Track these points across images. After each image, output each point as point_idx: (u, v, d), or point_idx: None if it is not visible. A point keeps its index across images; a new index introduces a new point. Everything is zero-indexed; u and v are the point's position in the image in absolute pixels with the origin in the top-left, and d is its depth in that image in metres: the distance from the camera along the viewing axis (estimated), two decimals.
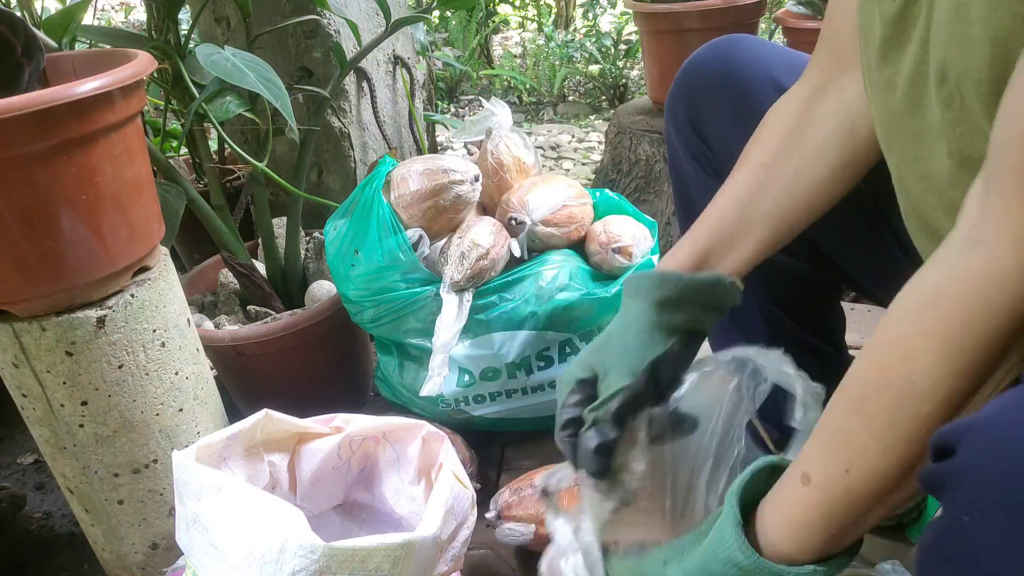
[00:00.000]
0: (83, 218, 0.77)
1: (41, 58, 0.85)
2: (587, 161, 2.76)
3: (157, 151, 1.15)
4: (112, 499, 0.90)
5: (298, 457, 0.84)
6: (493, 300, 1.07)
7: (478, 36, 3.76)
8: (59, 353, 0.81)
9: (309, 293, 1.28)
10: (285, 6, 1.42)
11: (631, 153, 1.82)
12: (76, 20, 1.02)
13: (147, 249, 0.87)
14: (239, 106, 1.09)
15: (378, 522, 0.90)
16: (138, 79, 0.79)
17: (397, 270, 1.06)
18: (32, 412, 0.86)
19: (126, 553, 0.94)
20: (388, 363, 1.18)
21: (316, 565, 0.62)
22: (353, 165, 1.55)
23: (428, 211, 1.08)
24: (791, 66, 0.79)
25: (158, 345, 0.88)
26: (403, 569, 0.65)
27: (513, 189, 1.13)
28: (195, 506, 0.69)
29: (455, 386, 1.11)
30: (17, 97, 0.69)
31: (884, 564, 0.88)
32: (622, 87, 3.39)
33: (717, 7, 1.64)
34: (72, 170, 0.75)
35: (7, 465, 1.31)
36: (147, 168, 0.88)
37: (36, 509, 1.19)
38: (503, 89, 3.70)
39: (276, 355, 1.19)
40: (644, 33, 1.84)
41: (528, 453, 1.19)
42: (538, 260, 1.10)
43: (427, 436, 0.84)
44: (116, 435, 0.87)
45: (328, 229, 1.16)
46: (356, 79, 1.51)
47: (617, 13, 3.66)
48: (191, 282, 1.33)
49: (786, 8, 1.75)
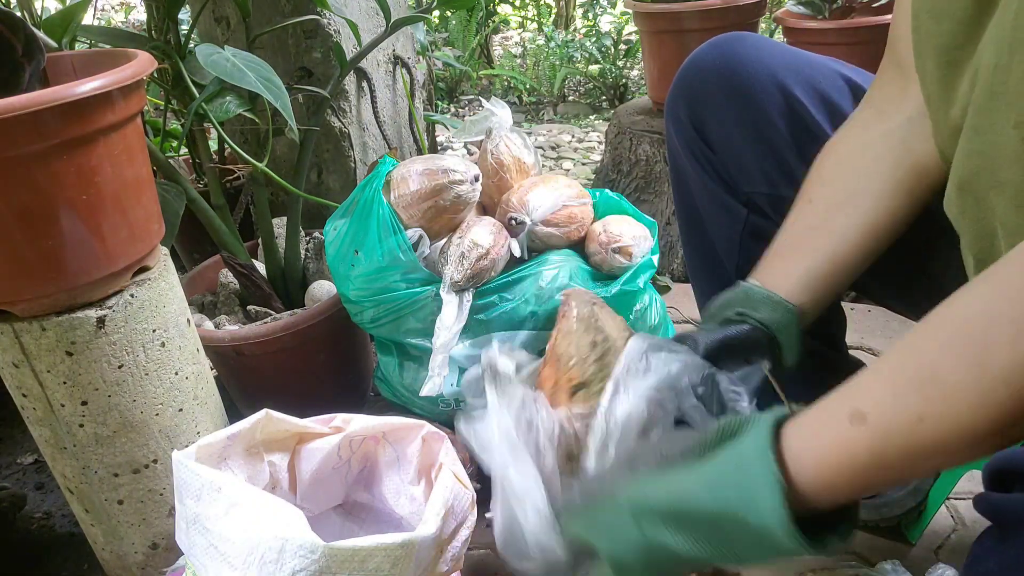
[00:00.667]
0: (83, 218, 0.77)
1: (41, 58, 0.85)
2: (587, 161, 2.76)
3: (157, 151, 1.15)
4: (112, 499, 0.90)
5: (298, 457, 0.84)
6: (493, 300, 1.07)
7: (478, 36, 3.76)
8: (59, 353, 0.81)
9: (309, 293, 1.28)
10: (285, 6, 1.42)
11: (631, 153, 1.82)
12: (76, 20, 1.02)
13: (147, 249, 0.87)
14: (239, 106, 1.09)
15: (378, 522, 0.90)
16: (138, 79, 0.79)
17: (397, 270, 1.06)
18: (32, 412, 0.86)
19: (126, 553, 0.94)
20: (388, 363, 1.18)
21: (316, 565, 0.62)
22: (353, 165, 1.55)
23: (428, 211, 1.08)
24: (794, 65, 0.78)
25: (158, 345, 0.88)
26: (403, 569, 0.65)
27: (513, 189, 1.13)
28: (195, 506, 0.69)
29: (455, 386, 1.11)
30: (17, 97, 0.69)
31: (884, 564, 0.88)
32: (622, 87, 3.39)
33: (717, 7, 1.64)
34: (72, 170, 0.75)
35: (7, 465, 1.31)
36: (147, 168, 0.88)
37: (36, 509, 1.19)
38: (503, 89, 3.70)
39: (276, 355, 1.19)
40: (644, 33, 1.84)
41: None
42: (538, 260, 1.10)
43: (427, 436, 0.84)
44: (116, 435, 0.87)
45: (328, 229, 1.16)
46: (356, 79, 1.51)
47: (617, 13, 3.66)
48: (191, 282, 1.33)
49: (786, 8, 1.75)
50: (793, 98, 0.77)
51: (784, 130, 0.78)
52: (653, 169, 1.78)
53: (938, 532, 0.98)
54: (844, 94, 0.78)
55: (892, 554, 0.95)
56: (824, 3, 1.68)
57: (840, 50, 1.53)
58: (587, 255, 1.14)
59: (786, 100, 0.77)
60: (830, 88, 0.78)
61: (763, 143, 0.79)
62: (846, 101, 0.77)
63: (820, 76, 0.78)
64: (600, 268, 1.13)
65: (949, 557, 0.94)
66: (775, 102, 0.77)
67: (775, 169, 0.79)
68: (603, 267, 1.12)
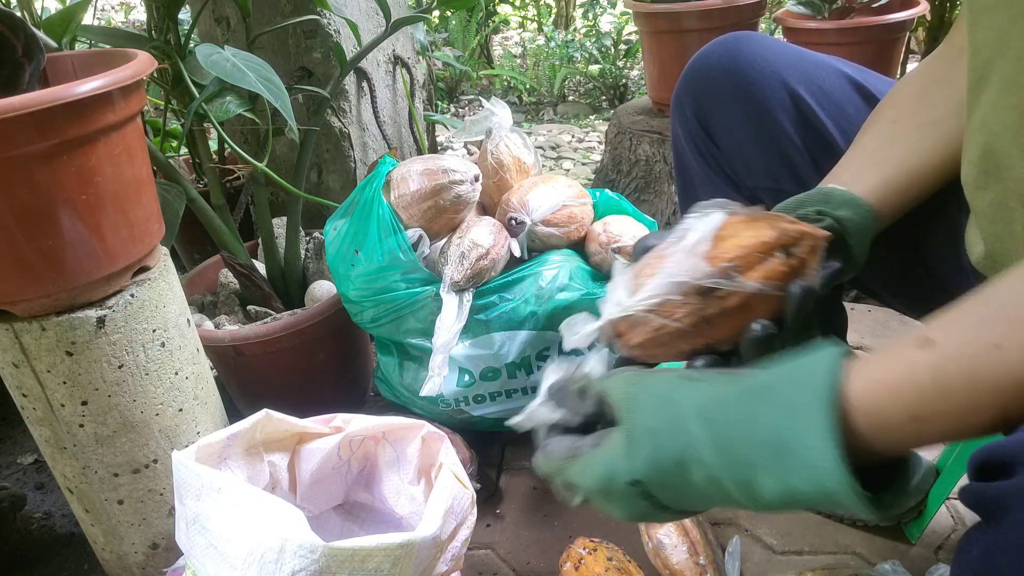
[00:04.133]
0: (83, 218, 0.77)
1: (41, 58, 0.85)
2: (587, 161, 2.76)
3: (157, 151, 1.15)
4: (112, 499, 0.90)
5: (298, 457, 0.84)
6: (493, 300, 1.07)
7: (478, 36, 3.76)
8: (59, 353, 0.81)
9: (309, 293, 1.28)
10: (285, 6, 1.42)
11: (631, 153, 1.82)
12: (76, 20, 1.02)
13: (147, 249, 0.87)
14: (239, 106, 1.09)
15: (378, 522, 0.90)
16: (138, 79, 0.79)
17: (397, 270, 1.06)
18: (32, 412, 0.86)
19: (126, 553, 0.94)
20: (388, 363, 1.18)
21: (316, 565, 0.62)
22: (353, 165, 1.55)
23: (428, 211, 1.08)
24: (798, 63, 0.79)
25: (158, 345, 0.88)
26: (403, 569, 0.65)
27: (513, 189, 1.13)
28: (195, 506, 0.69)
29: (455, 386, 1.11)
30: (17, 97, 0.69)
31: (884, 564, 0.88)
32: (622, 87, 3.39)
33: (717, 7, 1.64)
34: (72, 170, 0.75)
35: (7, 465, 1.31)
36: (147, 168, 0.88)
37: (36, 509, 1.19)
38: (503, 89, 3.70)
39: (276, 355, 1.19)
40: (644, 33, 1.84)
41: (528, 453, 1.19)
42: (538, 260, 1.10)
43: (427, 436, 0.84)
44: (116, 435, 0.87)
45: (328, 229, 1.16)
46: (356, 79, 1.51)
47: (617, 13, 3.66)
48: (191, 282, 1.33)
49: (786, 8, 1.75)
50: (797, 96, 0.78)
51: (788, 127, 0.78)
52: (653, 169, 1.78)
53: (938, 532, 0.98)
54: (847, 92, 0.78)
55: (892, 554, 0.95)
56: (824, 3, 1.68)
57: (840, 50, 1.54)
58: (587, 255, 1.14)
59: (790, 98, 0.78)
60: (833, 86, 0.78)
61: (767, 140, 0.80)
62: (849, 99, 0.78)
63: (824, 75, 0.79)
64: (600, 268, 1.13)
65: (949, 557, 0.94)
66: (779, 100, 0.78)
67: (779, 165, 0.80)
68: (603, 267, 1.12)
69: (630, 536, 0.99)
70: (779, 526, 1.01)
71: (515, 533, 1.05)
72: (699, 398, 0.48)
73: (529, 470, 1.16)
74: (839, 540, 0.98)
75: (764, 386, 0.45)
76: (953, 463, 0.91)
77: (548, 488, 1.12)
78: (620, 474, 0.49)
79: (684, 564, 0.90)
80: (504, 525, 1.07)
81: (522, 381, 1.11)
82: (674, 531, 0.93)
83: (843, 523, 1.00)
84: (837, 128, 0.77)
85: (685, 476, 0.47)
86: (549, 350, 1.11)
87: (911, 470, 0.47)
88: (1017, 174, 0.51)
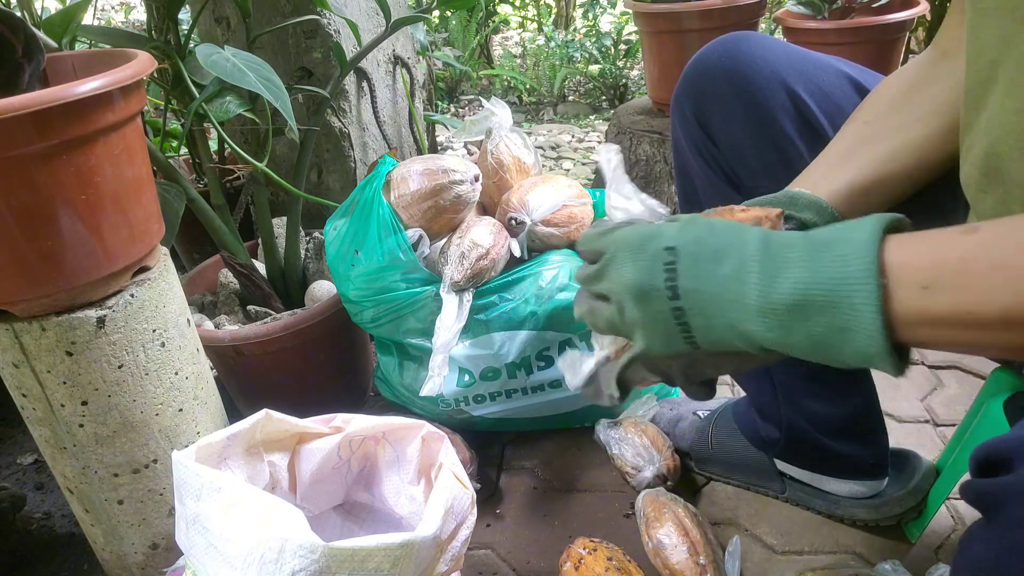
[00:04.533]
0: (83, 218, 0.77)
1: (41, 58, 0.85)
2: (587, 161, 2.76)
3: (157, 151, 1.15)
4: (112, 499, 0.90)
5: (298, 457, 0.84)
6: (493, 300, 1.07)
7: (478, 36, 3.76)
8: (59, 353, 0.81)
9: (309, 293, 1.29)
10: (285, 6, 1.42)
11: (631, 153, 1.82)
12: (76, 20, 1.02)
13: (147, 249, 0.87)
14: (239, 106, 1.09)
15: (378, 522, 0.90)
16: (138, 79, 0.79)
17: (397, 270, 1.06)
18: (32, 412, 0.86)
19: (126, 553, 0.94)
20: (388, 363, 1.18)
21: (316, 565, 0.62)
22: (353, 165, 1.55)
23: (428, 211, 1.08)
24: (798, 63, 0.79)
25: (158, 345, 0.88)
26: (403, 569, 0.65)
27: (513, 189, 1.13)
28: (195, 506, 0.69)
29: (455, 386, 1.11)
30: (17, 97, 0.68)
31: (884, 564, 0.88)
32: (622, 87, 3.39)
33: (717, 7, 1.64)
34: (72, 170, 0.75)
35: (7, 465, 1.31)
36: (147, 168, 0.88)
37: (36, 509, 1.19)
38: (503, 89, 3.70)
39: (276, 355, 1.19)
40: (644, 33, 1.84)
41: (528, 453, 1.19)
42: (538, 260, 1.10)
43: (427, 436, 0.84)
44: (116, 435, 0.87)
45: (328, 229, 1.16)
46: (356, 79, 1.51)
47: (617, 13, 3.66)
48: (191, 282, 1.33)
49: (786, 8, 1.75)
50: (797, 96, 0.78)
51: (788, 127, 0.79)
52: (653, 169, 1.78)
53: (938, 532, 0.98)
54: (847, 92, 0.79)
55: (892, 554, 0.95)
56: (824, 3, 1.68)
57: (840, 50, 1.54)
58: None
59: (790, 98, 0.78)
60: (833, 86, 0.79)
61: (767, 139, 0.80)
62: (849, 99, 0.78)
63: (824, 75, 0.79)
64: None
65: (949, 557, 0.94)
66: (779, 100, 0.78)
67: (778, 165, 0.80)
68: None
69: (630, 536, 0.99)
70: (779, 526, 1.01)
71: (515, 533, 1.05)
72: (752, 244, 0.50)
73: (529, 470, 1.16)
74: (839, 540, 0.98)
75: (816, 245, 0.48)
76: (953, 463, 0.91)
77: (548, 488, 1.12)
78: (660, 238, 0.53)
79: (684, 564, 0.90)
80: (504, 525, 1.07)
81: (522, 381, 1.11)
82: (674, 531, 0.93)
83: (843, 523, 1.00)
84: (836, 128, 0.77)
85: (718, 263, 0.50)
86: (549, 350, 1.11)
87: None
88: (1019, 178, 0.51)
